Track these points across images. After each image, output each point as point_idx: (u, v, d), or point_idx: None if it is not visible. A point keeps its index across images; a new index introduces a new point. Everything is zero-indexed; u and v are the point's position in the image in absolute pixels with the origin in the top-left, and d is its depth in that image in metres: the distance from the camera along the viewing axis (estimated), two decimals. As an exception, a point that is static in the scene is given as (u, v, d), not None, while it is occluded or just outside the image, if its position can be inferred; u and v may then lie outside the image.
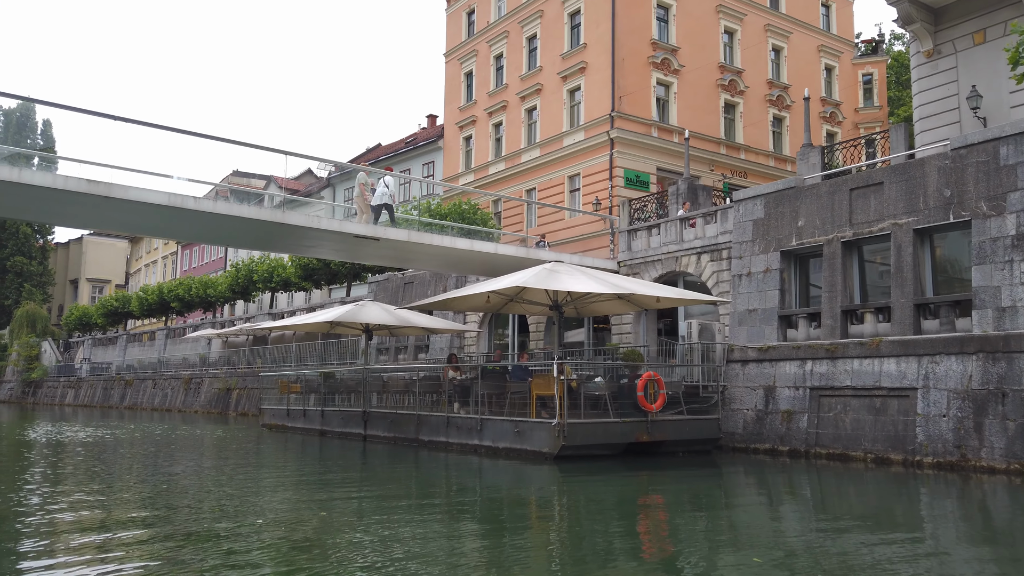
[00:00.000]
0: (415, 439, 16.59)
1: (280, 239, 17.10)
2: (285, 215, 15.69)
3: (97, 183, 13.72)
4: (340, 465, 15.12)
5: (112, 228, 16.03)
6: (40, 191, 13.48)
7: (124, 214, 14.91)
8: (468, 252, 18.43)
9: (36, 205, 14.46)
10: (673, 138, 30.77)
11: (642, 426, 14.06)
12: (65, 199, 13.96)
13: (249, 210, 15.24)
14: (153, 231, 16.19)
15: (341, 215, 39.88)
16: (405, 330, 23.26)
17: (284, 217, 15.67)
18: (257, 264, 40.29)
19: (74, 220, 15.52)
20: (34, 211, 14.87)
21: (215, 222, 15.55)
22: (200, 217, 15.14)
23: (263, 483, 12.33)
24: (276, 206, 16.07)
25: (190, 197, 14.60)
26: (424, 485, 12.58)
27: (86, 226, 15.66)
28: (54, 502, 10.02)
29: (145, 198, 14.10)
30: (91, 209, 14.61)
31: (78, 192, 13.56)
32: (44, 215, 15.07)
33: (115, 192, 13.84)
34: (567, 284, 14.27)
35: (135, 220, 15.36)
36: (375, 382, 18.88)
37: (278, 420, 22.19)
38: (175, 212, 14.77)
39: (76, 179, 13.54)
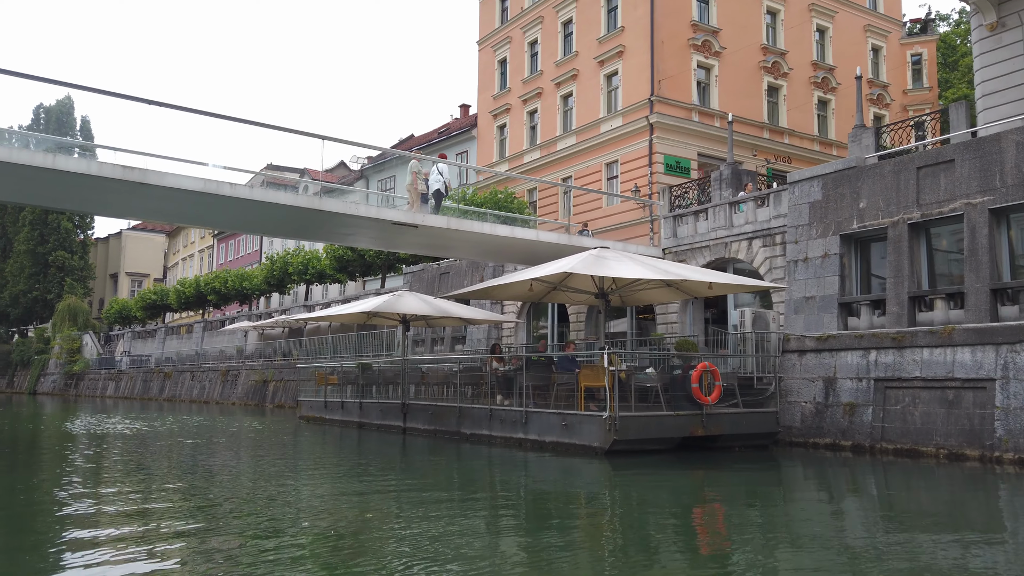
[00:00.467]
0: (456, 432, 16.00)
1: (317, 227, 16.61)
2: (322, 202, 15.17)
3: (132, 169, 13.31)
4: (380, 459, 14.61)
5: (148, 217, 15.67)
6: (76, 178, 13.11)
7: (160, 202, 14.52)
8: (508, 239, 17.75)
9: (73, 193, 14.13)
10: (714, 123, 29.72)
11: (697, 420, 13.28)
12: (101, 186, 13.60)
13: (286, 196, 14.75)
14: (189, 219, 15.81)
15: (376, 203, 39.51)
16: (442, 321, 22.71)
17: (321, 204, 15.14)
18: (292, 256, 40.12)
19: (111, 209, 15.20)
20: (71, 200, 14.55)
21: (251, 210, 15.09)
22: (236, 204, 14.69)
23: (303, 478, 11.84)
24: (312, 194, 15.52)
25: (226, 183, 14.14)
26: (467, 480, 11.98)
27: (123, 215, 15.32)
28: (94, 495, 9.72)
29: (181, 184, 13.67)
30: (127, 197, 14.23)
31: (113, 179, 13.17)
32: (81, 203, 14.75)
33: (151, 179, 13.42)
34: (616, 270, 13.52)
35: (171, 208, 14.97)
36: (414, 373, 18.35)
37: (315, 412, 21.81)
38: (211, 199, 14.34)
39: (111, 165, 13.16)
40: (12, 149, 12.42)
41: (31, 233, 59.56)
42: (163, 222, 16.39)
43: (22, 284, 59.97)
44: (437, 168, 17.62)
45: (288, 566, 6.06)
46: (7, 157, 12.32)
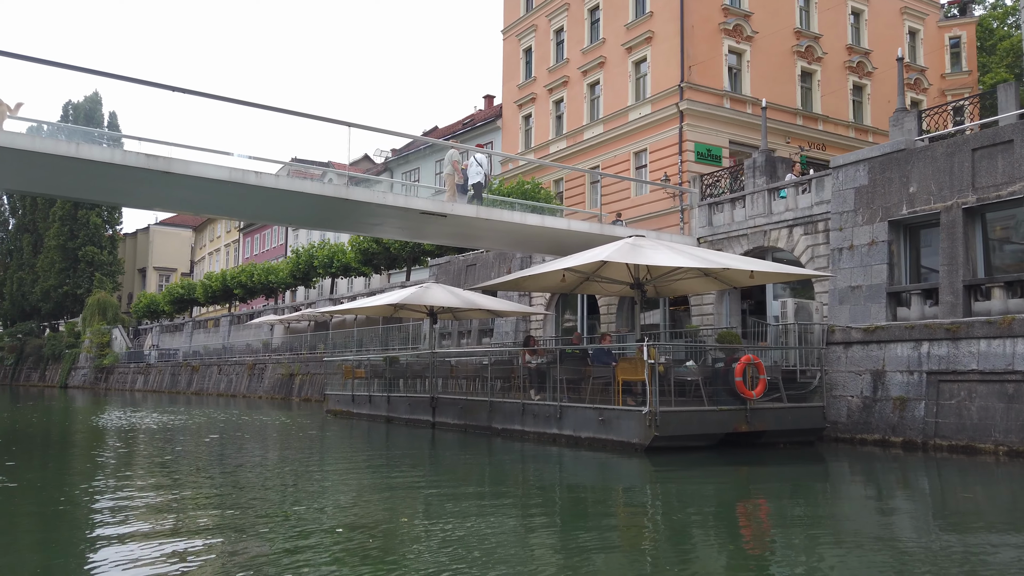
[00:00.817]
0: (487, 427, 15.53)
1: (343, 217, 16.19)
2: (349, 191, 14.73)
3: (157, 158, 12.97)
4: (409, 455, 14.19)
5: (174, 208, 15.36)
6: (100, 167, 12.80)
7: (185, 191, 14.18)
8: (539, 229, 17.20)
9: (98, 183, 13.84)
10: (746, 109, 28.84)
11: (740, 415, 12.66)
12: (126, 176, 13.29)
13: (312, 185, 14.33)
14: (215, 210, 15.46)
15: (404, 193, 39.26)
16: (469, 313, 22.24)
17: (348, 193, 14.71)
18: (317, 250, 39.95)
19: (136, 199, 14.91)
20: (96, 190, 14.27)
21: (277, 199, 14.70)
22: (262, 194, 14.31)
23: (332, 474, 11.45)
24: (339, 183, 15.07)
25: (251, 172, 13.76)
26: (500, 477, 11.51)
27: (148, 206, 15.02)
28: (124, 493, 9.36)
29: (206, 173, 13.31)
30: (152, 186, 13.92)
31: (137, 167, 12.84)
32: (106, 194, 14.46)
33: (175, 167, 13.08)
34: (653, 258, 12.93)
35: (197, 198, 14.64)
36: (443, 367, 17.90)
37: (343, 406, 21.48)
38: (236, 189, 13.97)
39: (135, 154, 12.83)
40: (36, 138, 12.13)
41: (61, 228, 60.13)
42: (189, 213, 16.07)
43: (53, 279, 60.62)
44: (476, 159, 17.21)
45: (317, 567, 5.74)
46: (31, 146, 12.03)
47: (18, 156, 12.27)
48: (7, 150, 11.97)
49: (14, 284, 65.27)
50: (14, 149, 11.98)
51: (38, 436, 17.42)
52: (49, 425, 20.73)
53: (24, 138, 11.99)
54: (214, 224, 64.96)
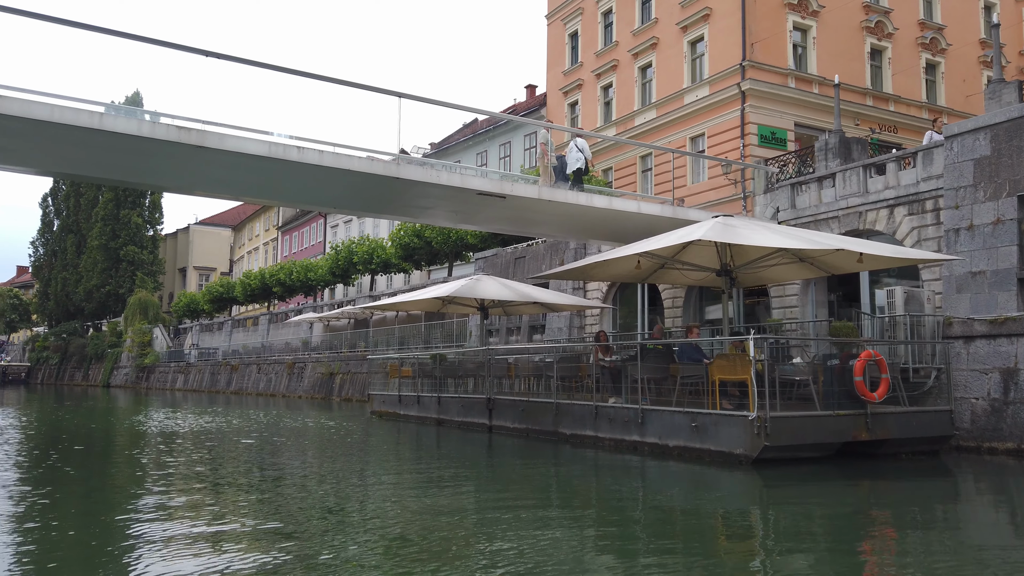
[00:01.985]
0: (553, 432, 13.75)
1: (391, 200, 14.56)
2: (400, 168, 13.08)
3: (189, 131, 11.47)
4: (465, 463, 12.48)
5: (209, 189, 13.88)
6: (127, 142, 11.34)
7: (221, 169, 12.68)
8: (606, 212, 15.40)
9: (126, 162, 12.39)
10: (812, 89, 26.63)
11: (860, 421, 10.68)
12: (156, 152, 11.83)
13: (360, 162, 12.71)
14: (253, 191, 13.94)
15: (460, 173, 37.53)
16: (522, 308, 20.50)
17: (399, 171, 13.06)
18: (356, 246, 38.64)
19: (169, 179, 13.45)
20: (125, 169, 12.83)
21: (320, 178, 13.13)
22: (304, 172, 12.74)
23: (383, 485, 9.83)
24: (389, 161, 13.42)
25: (292, 147, 12.18)
26: (572, 491, 9.77)
27: (183, 187, 13.59)
28: (166, 503, 8.17)
29: (243, 148, 11.77)
30: (185, 164, 12.45)
31: (168, 141, 11.35)
32: (137, 174, 13.02)
33: (209, 141, 11.56)
34: (751, 238, 11.02)
35: (233, 177, 13.13)
36: (499, 365, 16.15)
37: (388, 407, 19.90)
38: (276, 166, 12.42)
39: (165, 126, 11.34)
40: (54, 108, 10.68)
41: (103, 229, 59.94)
42: (226, 196, 14.62)
43: (95, 279, 60.47)
44: (575, 144, 16.11)
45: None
46: (49, 116, 10.60)
47: (38, 130, 10.87)
48: (26, 121, 10.57)
49: (58, 284, 65.41)
50: (32, 120, 10.57)
51: (81, 439, 16.12)
52: (91, 429, 19.50)
53: (41, 107, 10.55)
54: (252, 223, 64.27)
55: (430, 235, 32.69)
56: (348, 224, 48.92)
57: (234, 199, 14.52)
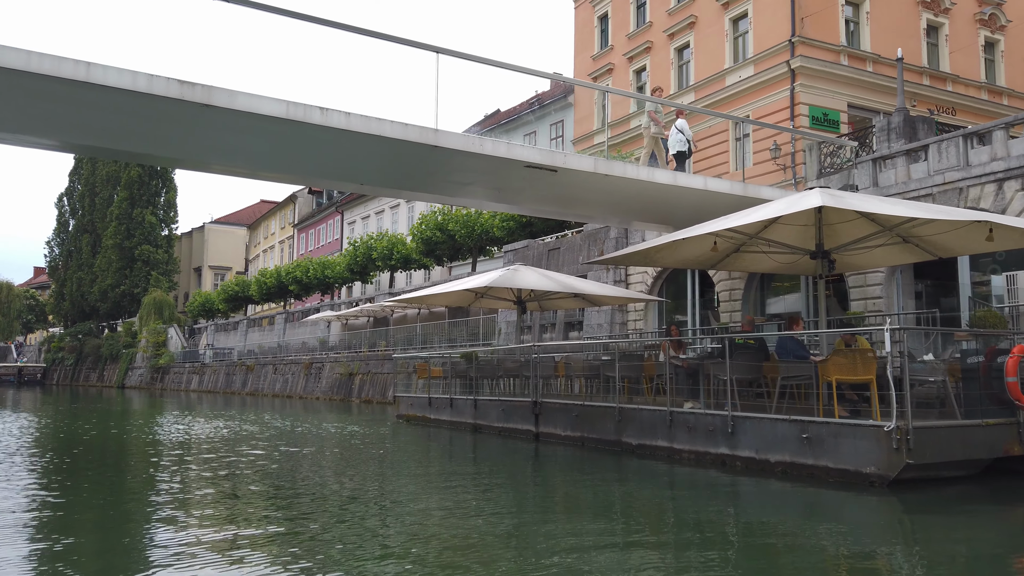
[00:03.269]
0: (616, 441, 11.69)
1: (425, 174, 12.56)
2: (438, 136, 11.08)
3: (193, 85, 9.52)
4: (512, 477, 10.46)
5: (222, 162, 11.93)
6: (122, 99, 9.41)
7: (232, 136, 10.74)
8: (668, 189, 13.35)
9: (123, 126, 10.46)
10: (866, 67, 24.52)
11: (1012, 431, 8.56)
12: (156, 114, 9.89)
13: (393, 127, 10.72)
14: (269, 164, 11.97)
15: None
16: (558, 302, 18.45)
17: (437, 139, 11.06)
18: (376, 241, 36.78)
19: (175, 149, 11.47)
20: (125, 136, 10.87)
21: (346, 148, 11.16)
22: (328, 139, 10.78)
23: (420, 504, 7.82)
24: (426, 128, 11.43)
25: (315, 108, 10.21)
26: (649, 514, 7.81)
27: (191, 159, 11.69)
28: (185, 531, 6.51)
29: (256, 107, 9.82)
30: (192, 130, 10.51)
31: (168, 98, 9.40)
32: (137, 142, 11.07)
33: (217, 99, 9.61)
34: (879, 207, 8.95)
35: (247, 146, 11.17)
36: (546, 364, 14.10)
37: (417, 411, 17.90)
38: (296, 132, 10.45)
39: (165, 80, 9.38)
40: (31, 55, 8.76)
41: (118, 228, 58.51)
42: (241, 171, 12.40)
43: (110, 279, 59.04)
44: (676, 125, 14.77)
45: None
46: (24, 65, 8.69)
47: (15, 82, 8.97)
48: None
49: (73, 284, 64.05)
50: (5, 69, 8.66)
51: (95, 450, 14.23)
52: (105, 437, 17.63)
53: (15, 54, 8.64)
54: (268, 221, 62.63)
55: (453, 228, 30.76)
56: (366, 220, 47.07)
57: (251, 176, 12.54)
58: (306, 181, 12.90)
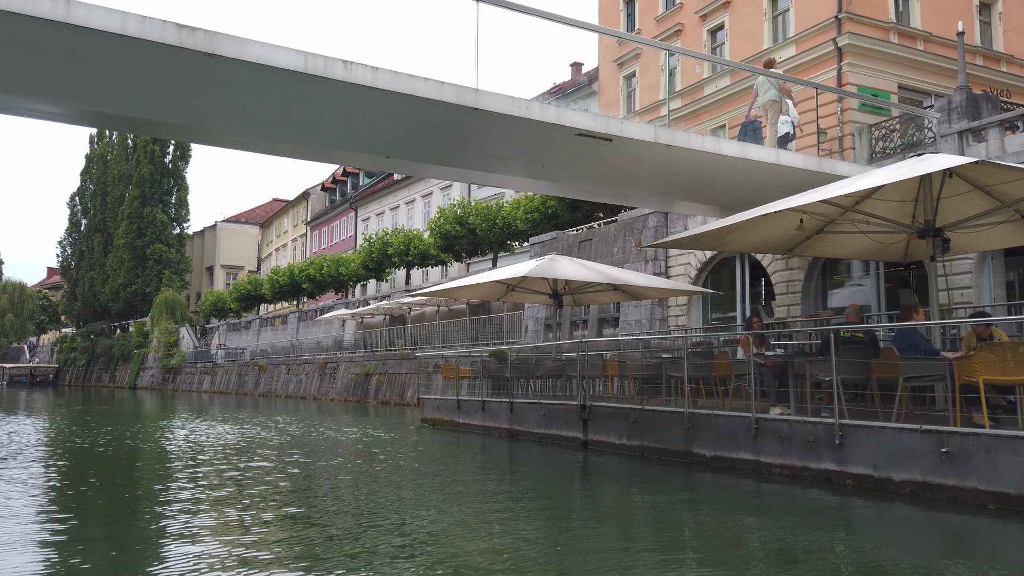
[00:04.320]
0: (684, 452, 9.96)
1: (459, 145, 10.86)
2: (478, 96, 9.38)
3: (194, 31, 7.85)
4: (565, 497, 8.77)
5: (228, 129, 10.27)
6: (111, 47, 7.77)
7: (241, 96, 9.08)
8: (733, 163, 11.62)
9: (116, 81, 8.81)
10: (917, 45, 22.69)
11: None
12: (151, 65, 8.23)
13: (427, 86, 9.03)
14: (285, 132, 10.20)
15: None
16: (595, 296, 16.76)
17: (477, 100, 9.37)
18: (392, 237, 35.19)
19: (174, 112, 9.74)
20: (115, 96, 9.17)
21: (373, 111, 9.48)
22: (352, 101, 9.11)
23: (466, 535, 6.10)
24: (465, 87, 9.75)
25: (337, 60, 8.53)
26: (740, 547, 6.08)
27: (191, 124, 10.04)
28: None
29: (269, 58, 8.15)
30: (193, 87, 8.85)
31: (164, 45, 7.74)
32: (131, 104, 9.41)
33: (222, 47, 7.94)
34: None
35: (258, 109, 9.49)
36: (595, 363, 12.35)
37: (444, 414, 16.22)
38: (316, 90, 8.78)
39: (160, 23, 7.72)
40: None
41: (129, 227, 57.22)
42: (257, 144, 10.41)
43: (122, 278, 57.76)
44: (786, 103, 13.63)
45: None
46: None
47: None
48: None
49: (85, 284, 62.85)
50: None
51: (106, 462, 12.63)
52: (118, 446, 16.07)
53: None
54: (280, 219, 61.19)
55: (473, 221, 29.10)
56: (380, 217, 45.51)
57: (267, 150, 10.86)
58: (326, 156, 11.21)
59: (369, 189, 48.60)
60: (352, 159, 11.22)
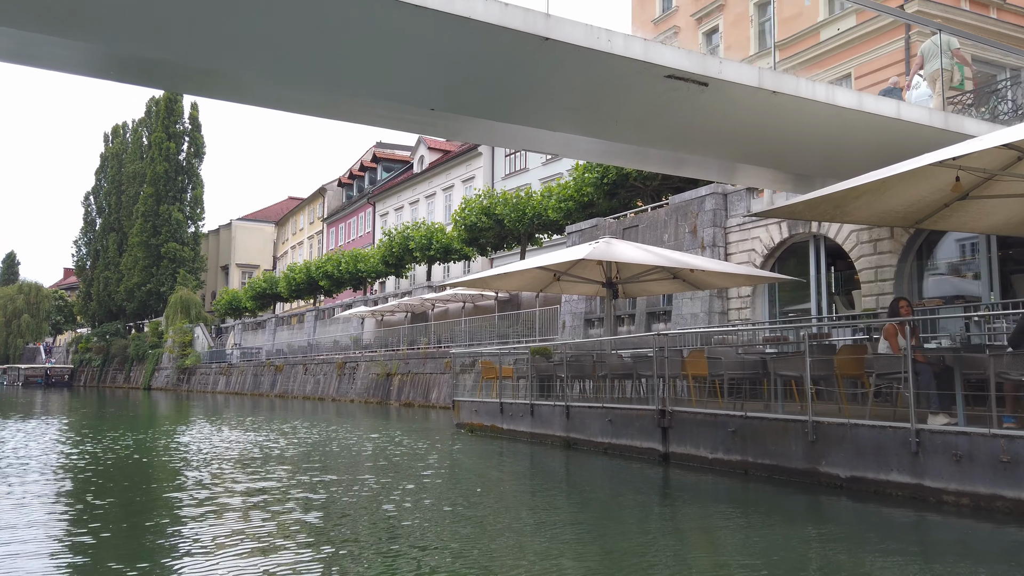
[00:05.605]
0: (808, 471, 7.84)
1: (520, 90, 8.75)
2: (550, 23, 7.32)
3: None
4: (660, 524, 6.68)
5: (246, 74, 8.23)
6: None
7: (255, 18, 7.06)
8: (846, 116, 9.50)
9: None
10: (990, 13, 20.48)
11: None
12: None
13: (487, 8, 6.93)
14: (308, 75, 8.16)
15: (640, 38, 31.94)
16: (651, 286, 14.67)
17: (549, 28, 7.31)
18: (413, 230, 33.22)
19: (178, 46, 7.76)
20: (129, 26, 7.23)
21: (418, 44, 7.44)
22: (391, 30, 7.07)
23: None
24: (537, 11, 7.79)
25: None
26: None
27: (207, 68, 7.87)
28: None
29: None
30: (216, 9, 6.86)
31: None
32: (146, 38, 7.41)
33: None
34: None
35: (284, 43, 7.45)
36: (673, 360, 10.21)
37: (484, 419, 14.16)
38: (353, 11, 6.76)
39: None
40: None
41: (144, 225, 55.70)
42: (268, 96, 8.85)
43: (137, 277, 56.25)
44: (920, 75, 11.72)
45: None
46: None
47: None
48: None
49: (100, 284, 61.44)
50: None
51: (118, 478, 10.65)
52: (128, 456, 14.16)
53: None
54: (296, 216, 59.43)
55: (501, 212, 27.06)
56: (399, 211, 43.57)
57: (295, 107, 8.73)
58: (362, 111, 9.17)
59: (387, 183, 46.69)
60: (391, 115, 9.15)
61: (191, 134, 58.08)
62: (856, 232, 14.13)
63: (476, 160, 37.19)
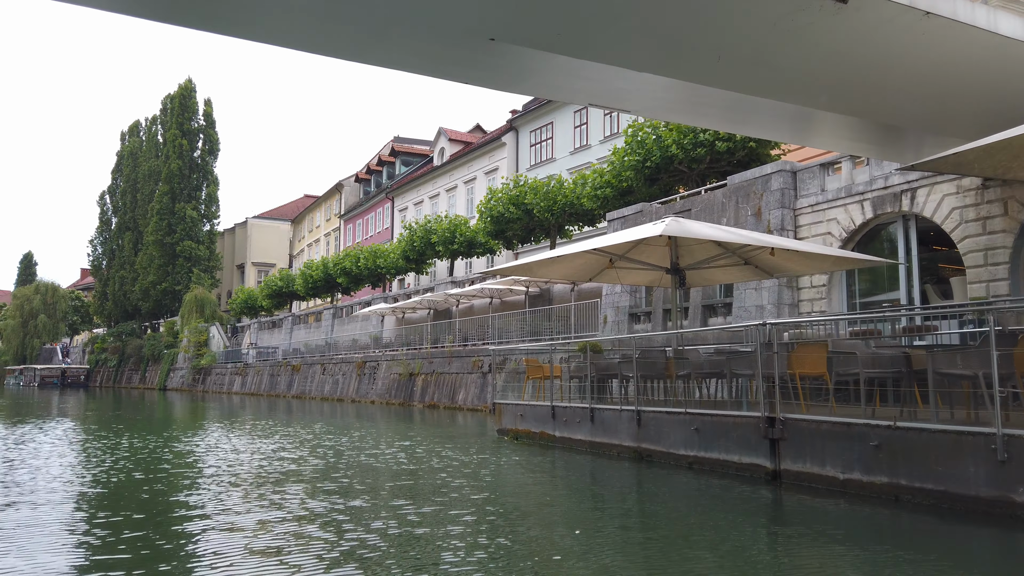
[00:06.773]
0: (998, 501, 5.90)
1: (605, 16, 6.89)
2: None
3: None
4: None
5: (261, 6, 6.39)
6: None
7: None
8: (1010, 45, 7.52)
9: None
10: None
11: None
12: None
13: None
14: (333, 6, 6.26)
15: None
16: (716, 275, 12.74)
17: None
18: (435, 224, 31.43)
19: None
20: None
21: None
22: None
23: None
24: None
25: None
26: None
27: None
28: None
29: None
30: None
31: None
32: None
33: None
34: None
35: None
36: (780, 355, 8.26)
37: (531, 425, 12.26)
38: None
39: None
40: None
41: (159, 223, 54.36)
42: (285, 33, 7.42)
43: (152, 276, 54.92)
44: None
45: None
46: None
47: None
48: None
49: (116, 283, 60.22)
50: None
51: (130, 499, 8.87)
52: (139, 469, 12.41)
53: None
54: (312, 213, 57.85)
55: (531, 201, 25.20)
56: (419, 206, 41.81)
57: (317, 46, 6.76)
58: (403, 48, 7.20)
59: (406, 177, 44.96)
60: (440, 55, 7.25)
61: (205, 131, 56.71)
62: (960, 210, 12.11)
63: (500, 151, 35.34)
